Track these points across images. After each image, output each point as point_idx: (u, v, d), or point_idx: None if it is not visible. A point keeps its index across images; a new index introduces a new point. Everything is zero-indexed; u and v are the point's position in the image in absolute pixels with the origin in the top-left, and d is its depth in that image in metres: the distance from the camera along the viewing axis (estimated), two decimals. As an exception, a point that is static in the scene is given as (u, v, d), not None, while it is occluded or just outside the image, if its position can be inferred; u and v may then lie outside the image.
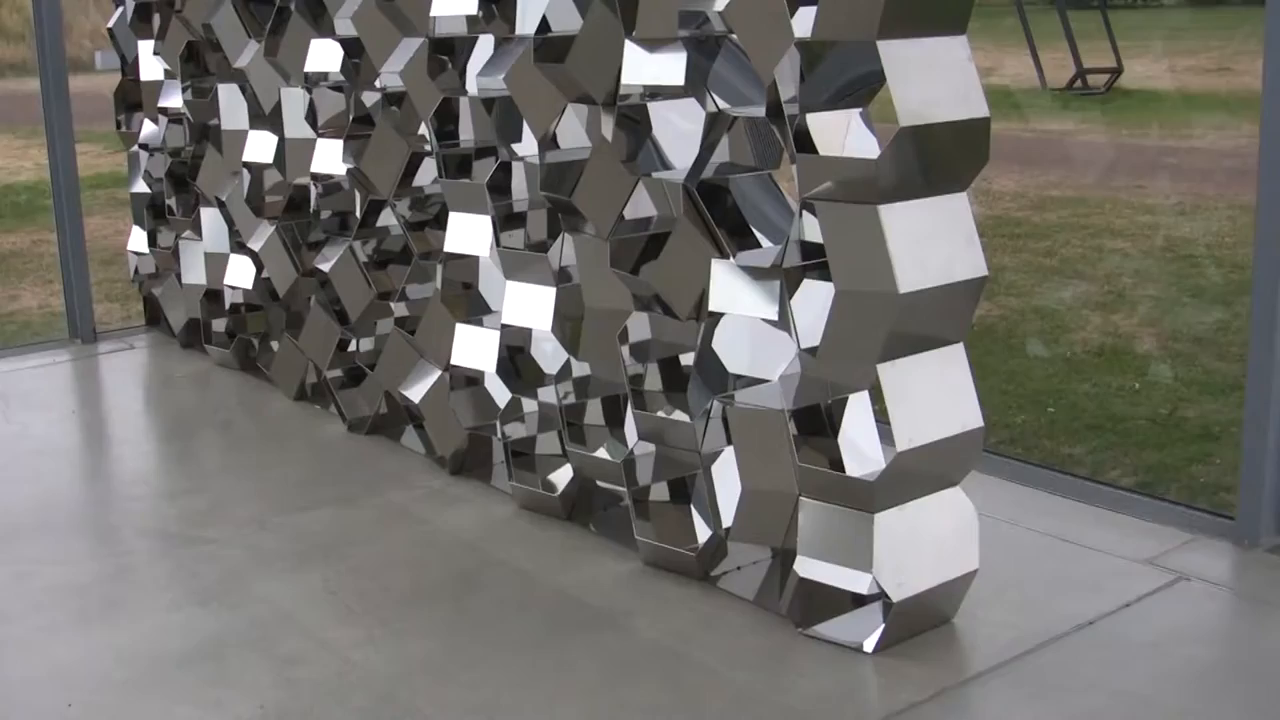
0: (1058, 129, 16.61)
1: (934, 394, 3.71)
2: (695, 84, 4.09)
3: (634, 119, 4.34)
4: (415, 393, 5.48)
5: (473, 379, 5.34)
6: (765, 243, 4.12)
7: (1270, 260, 4.28)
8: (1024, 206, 12.16)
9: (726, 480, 4.16)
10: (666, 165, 4.33)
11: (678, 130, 4.38)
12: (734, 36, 3.92)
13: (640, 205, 4.36)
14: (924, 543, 3.80)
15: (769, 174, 4.21)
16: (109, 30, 7.82)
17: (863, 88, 3.69)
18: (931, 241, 3.59)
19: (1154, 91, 19.45)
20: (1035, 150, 14.79)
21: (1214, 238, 10.67)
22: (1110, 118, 17.27)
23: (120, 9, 7.66)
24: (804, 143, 3.67)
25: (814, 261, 3.79)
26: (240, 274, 6.73)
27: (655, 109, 4.37)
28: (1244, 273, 9.03)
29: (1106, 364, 7.63)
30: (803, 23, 3.66)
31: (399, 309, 5.73)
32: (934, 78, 3.57)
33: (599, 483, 4.87)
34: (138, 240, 7.82)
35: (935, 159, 3.59)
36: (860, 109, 3.71)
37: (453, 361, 5.23)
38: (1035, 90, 19.35)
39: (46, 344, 7.77)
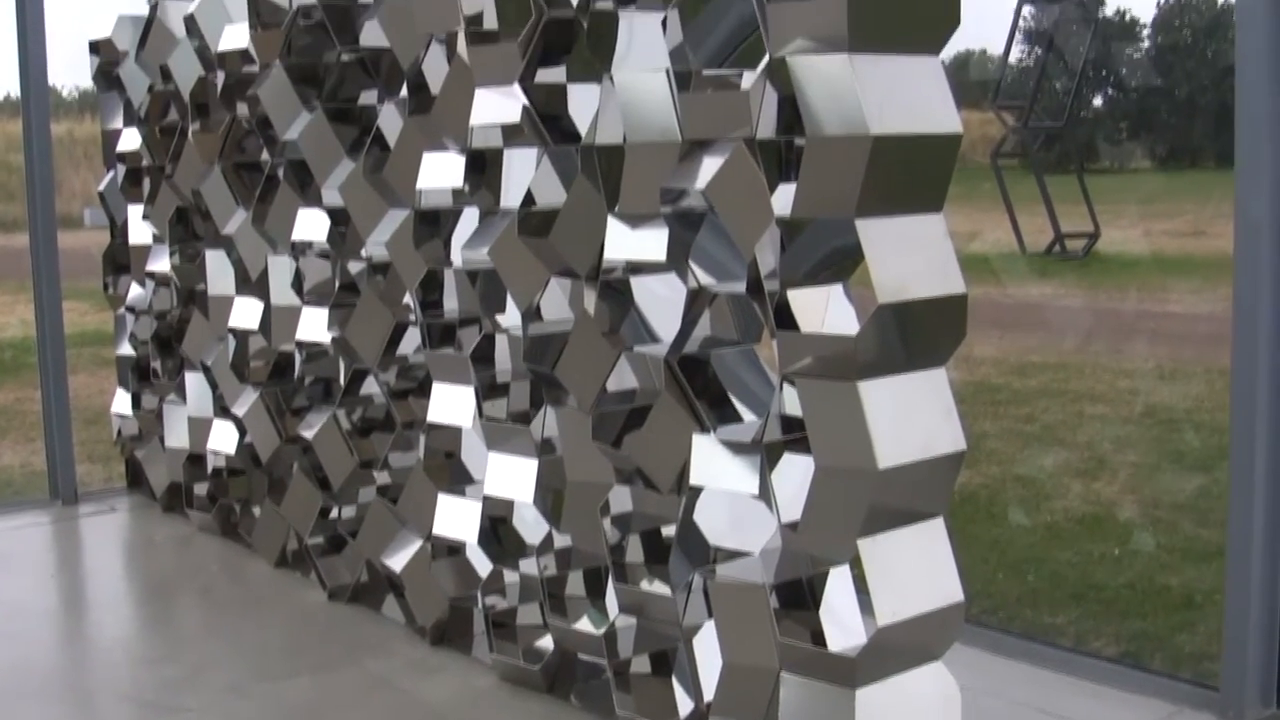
0: (1037, 293, 16.77)
1: (915, 568, 3.71)
2: (677, 258, 4.14)
3: (617, 290, 4.39)
4: (397, 561, 5.47)
5: (454, 549, 5.33)
6: (747, 414, 4.14)
7: (1246, 426, 4.32)
8: (1004, 372, 12.23)
9: (708, 653, 4.14)
10: (651, 334, 4.37)
11: (662, 297, 4.43)
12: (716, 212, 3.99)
13: (623, 377, 4.39)
14: (906, 718, 3.78)
15: (751, 348, 4.25)
16: (100, 194, 7.91)
17: (842, 262, 3.75)
18: (911, 416, 3.62)
19: (1131, 255, 19.68)
20: (1015, 315, 14.92)
21: (1193, 402, 10.74)
22: (1089, 282, 17.46)
23: (111, 173, 7.76)
24: (784, 318, 3.71)
25: (795, 436, 3.81)
26: (223, 439, 6.74)
27: (638, 279, 4.42)
28: (1223, 437, 9.07)
29: (1088, 531, 7.63)
30: (782, 200, 3.72)
31: (381, 477, 5.74)
32: (912, 255, 3.62)
33: (580, 655, 4.84)
34: (121, 402, 7.84)
35: (914, 335, 3.63)
36: (840, 283, 3.76)
37: (435, 531, 5.23)
38: (1014, 255, 19.57)
39: (27, 504, 7.75)
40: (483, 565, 5.21)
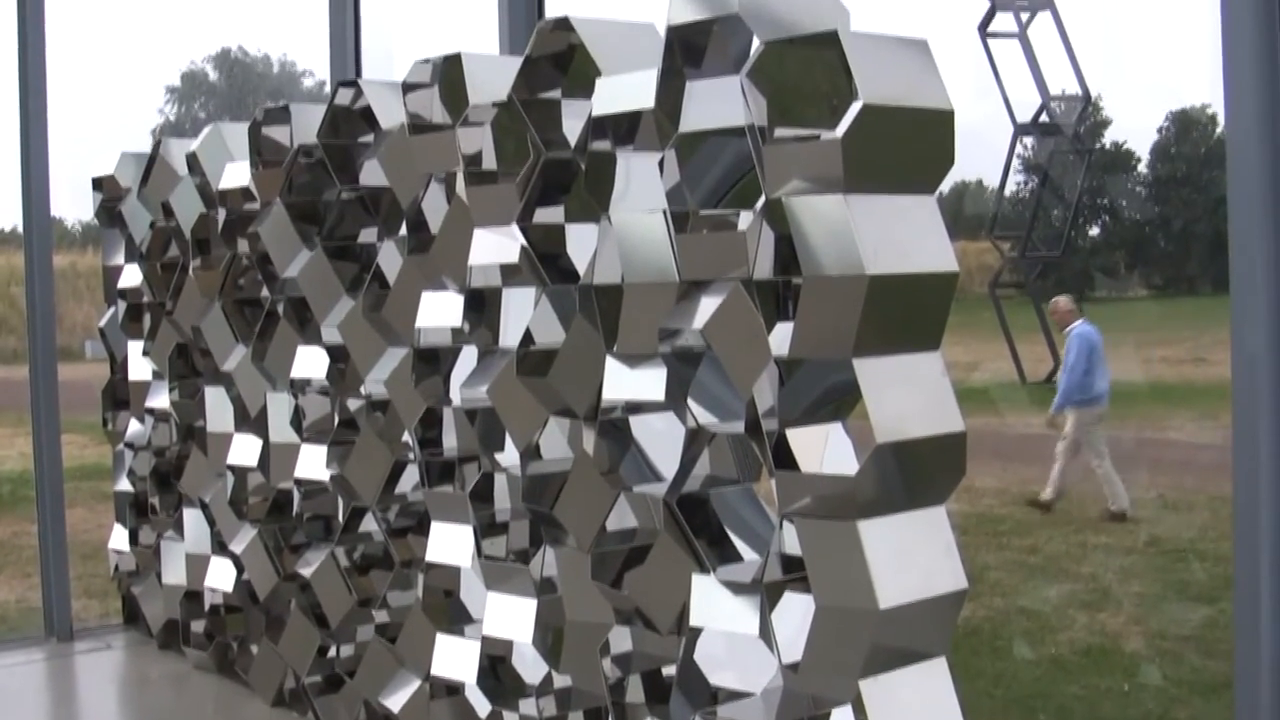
0: (1038, 423, 16.77)
1: (917, 709, 3.67)
2: (676, 397, 4.14)
3: (617, 428, 4.39)
4: (395, 702, 5.40)
5: (453, 689, 5.26)
6: (747, 553, 4.12)
7: (1250, 557, 4.29)
8: (1006, 503, 12.20)
9: (709, 797, 4.08)
10: (652, 471, 4.36)
11: (662, 432, 4.42)
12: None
13: (623, 517, 4.37)
14: None
15: (750, 486, 4.24)
16: (100, 329, 7.94)
17: (841, 401, 3.75)
18: (911, 555, 3.60)
19: (1131, 383, 19.70)
20: (1016, 446, 14.91)
21: (1197, 531, 10.71)
22: (1090, 411, 17.45)
23: (112, 309, 7.79)
24: (783, 457, 3.70)
25: (795, 576, 3.79)
26: (221, 576, 6.69)
27: (638, 417, 4.42)
28: (1229, 567, 9.03)
29: (1094, 664, 7.57)
30: (780, 339, 3.73)
31: (380, 616, 5.70)
32: (910, 393, 3.62)
33: (580, 796, 4.78)
34: (119, 538, 7.80)
35: (913, 473, 3.62)
36: (838, 422, 3.75)
37: (433, 671, 5.17)
38: (1014, 385, 19.60)
39: (21, 641, 7.68)
40: (482, 705, 5.14)
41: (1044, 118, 20.93)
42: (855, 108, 3.49)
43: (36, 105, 7.57)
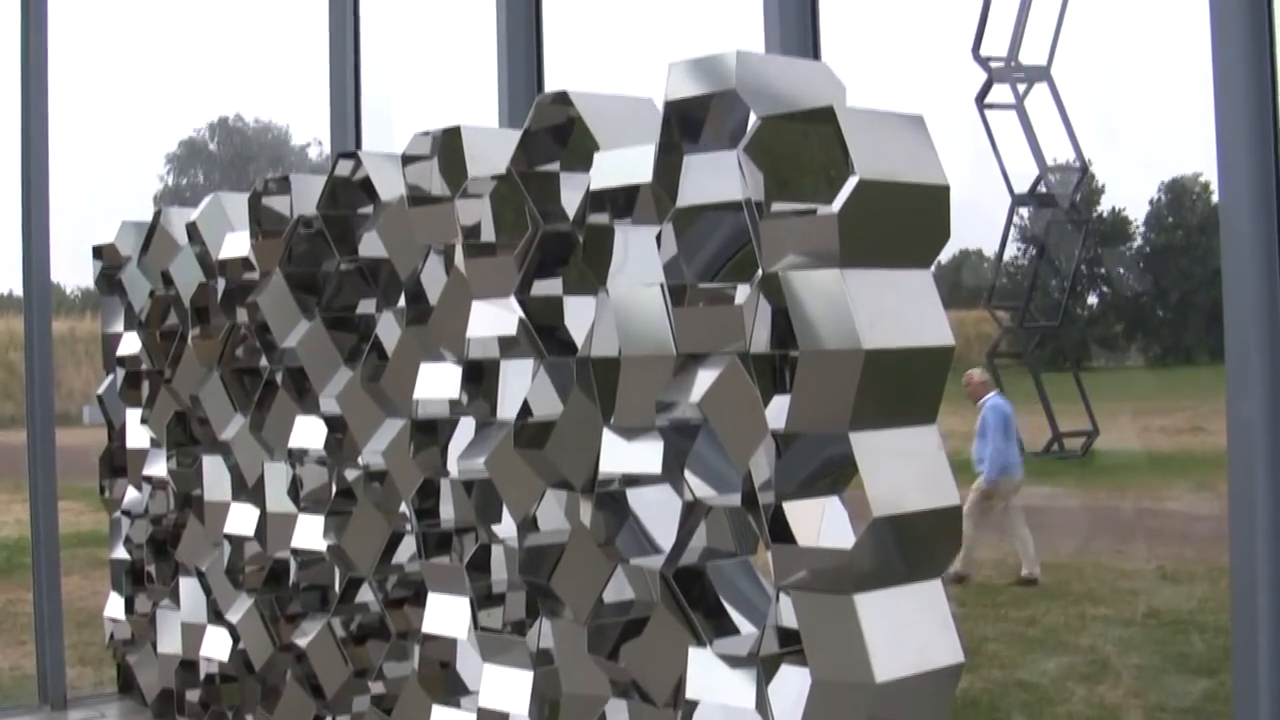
0: (1036, 493, 16.75)
1: (915, 786, 3.65)
2: (672, 470, 4.14)
3: (614, 500, 4.39)
4: (389, 773, 5.38)
5: (448, 760, 5.24)
6: (744, 625, 4.11)
7: (1248, 629, 4.28)
8: (1004, 574, 12.17)
9: None
10: (649, 541, 4.35)
11: (659, 503, 4.41)
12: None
13: (620, 589, 4.37)
14: None
15: (747, 559, 4.24)
16: (99, 397, 7.94)
17: (838, 474, 3.75)
18: (908, 629, 3.59)
19: (1130, 453, 19.67)
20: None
21: (1196, 603, 10.67)
22: (1088, 481, 17.45)
23: (111, 376, 7.80)
24: (779, 530, 3.70)
25: (791, 649, 3.78)
26: (216, 645, 6.66)
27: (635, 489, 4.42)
28: (1228, 638, 9.00)
29: (1093, 738, 7.53)
30: (777, 412, 3.74)
31: (376, 687, 5.67)
32: (906, 467, 3.63)
33: None
34: (114, 606, 7.77)
35: (910, 547, 3.62)
36: (835, 495, 3.76)
37: (428, 742, 5.15)
38: (1013, 454, 19.56)
39: (15, 709, 7.64)
40: (477, 778, 5.12)
41: (1041, 188, 21.01)
42: (851, 183, 3.51)
43: (38, 174, 7.63)
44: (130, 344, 7.55)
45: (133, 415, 7.53)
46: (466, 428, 5.11)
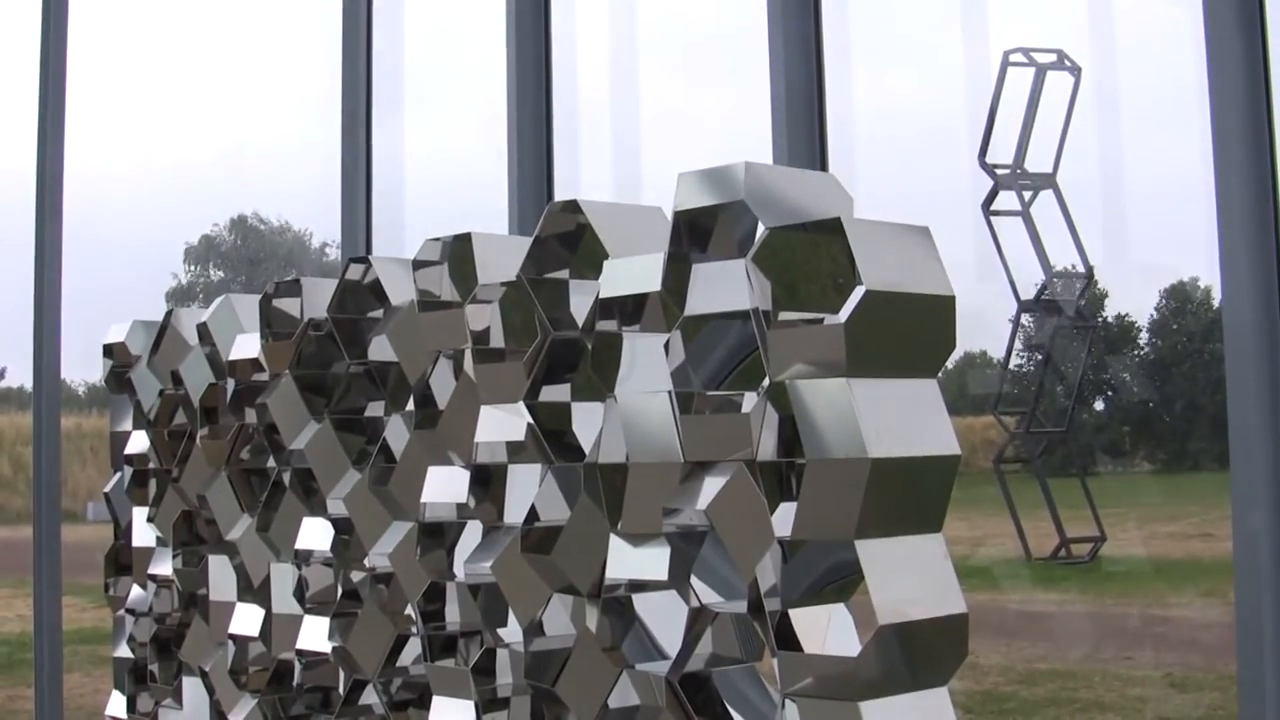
0: (1043, 599, 16.69)
1: None
2: (679, 577, 4.15)
3: (620, 605, 4.39)
4: None
5: None
6: (749, 733, 4.11)
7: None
8: (1011, 681, 12.10)
9: None
10: (655, 647, 4.36)
11: (665, 610, 4.42)
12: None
13: (625, 695, 4.36)
14: None
15: (753, 665, 4.24)
16: (105, 494, 7.95)
17: (844, 581, 3.77)
18: (914, 737, 3.59)
19: (1137, 559, 19.61)
20: (1021, 623, 14.82)
21: (1205, 710, 10.59)
22: (1095, 587, 17.39)
23: (118, 474, 7.82)
24: (785, 637, 3.71)
25: (797, 758, 3.77)
26: (218, 747, 6.64)
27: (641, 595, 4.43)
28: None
29: None
30: (783, 519, 3.76)
31: (378, 791, 5.64)
32: (912, 575, 3.65)
33: None
34: (116, 705, 7.72)
35: (916, 655, 3.63)
36: (841, 603, 3.77)
37: None
38: (1019, 561, 19.51)
39: (14, 814, 7.60)
40: None
41: (1046, 294, 21.12)
42: (858, 293, 3.56)
43: (52, 273, 7.70)
44: (138, 442, 7.56)
45: (139, 513, 7.54)
46: (473, 532, 5.13)
